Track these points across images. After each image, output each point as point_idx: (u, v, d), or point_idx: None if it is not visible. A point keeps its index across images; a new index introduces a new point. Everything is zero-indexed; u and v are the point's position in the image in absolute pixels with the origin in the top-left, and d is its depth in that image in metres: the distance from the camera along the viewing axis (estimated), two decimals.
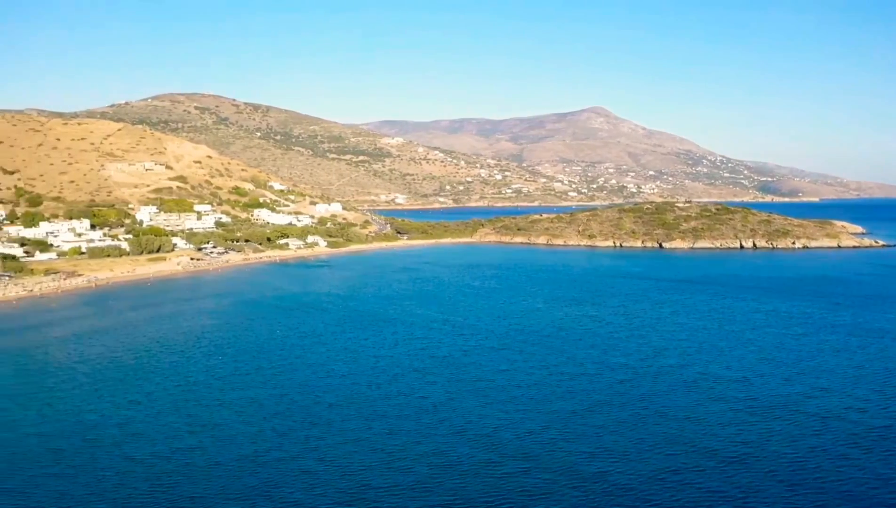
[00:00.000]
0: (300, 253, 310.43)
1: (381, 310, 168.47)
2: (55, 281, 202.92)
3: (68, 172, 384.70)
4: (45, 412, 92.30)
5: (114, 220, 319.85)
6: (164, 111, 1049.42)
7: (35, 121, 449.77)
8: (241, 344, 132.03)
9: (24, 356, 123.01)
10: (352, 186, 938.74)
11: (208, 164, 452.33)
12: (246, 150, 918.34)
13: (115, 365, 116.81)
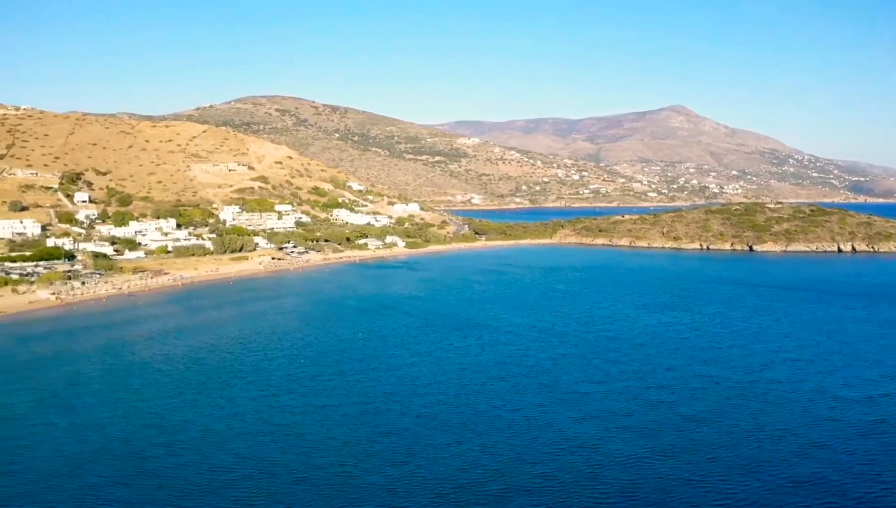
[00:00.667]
0: (379, 253, 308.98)
1: (464, 314, 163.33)
2: (143, 280, 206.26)
3: (156, 173, 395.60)
4: (130, 415, 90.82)
5: (198, 220, 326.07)
6: (246, 113, 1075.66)
7: (126, 124, 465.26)
8: (322, 347, 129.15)
9: (112, 355, 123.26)
10: (428, 186, 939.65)
11: (289, 165, 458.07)
12: (324, 151, 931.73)
13: (199, 366, 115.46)
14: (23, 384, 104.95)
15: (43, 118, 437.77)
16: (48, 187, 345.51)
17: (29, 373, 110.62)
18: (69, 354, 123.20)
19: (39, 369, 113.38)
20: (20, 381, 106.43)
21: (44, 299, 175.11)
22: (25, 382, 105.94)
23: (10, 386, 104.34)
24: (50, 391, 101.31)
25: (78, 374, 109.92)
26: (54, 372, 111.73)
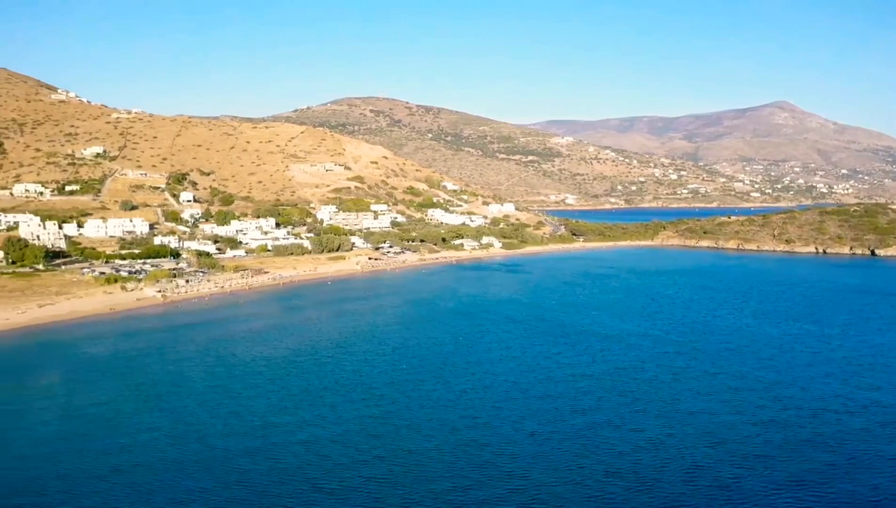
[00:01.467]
0: (475, 254, 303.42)
1: (568, 320, 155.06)
2: (244, 279, 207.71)
3: (256, 173, 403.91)
4: (231, 422, 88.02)
5: (297, 219, 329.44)
6: (342, 115, 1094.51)
7: (228, 126, 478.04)
8: (423, 352, 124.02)
9: (214, 356, 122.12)
10: (521, 186, 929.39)
11: (384, 165, 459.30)
12: (418, 151, 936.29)
13: (299, 369, 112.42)
14: (128, 382, 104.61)
15: (152, 121, 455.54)
16: (156, 187, 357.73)
17: (134, 373, 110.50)
18: (173, 354, 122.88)
19: (144, 368, 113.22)
20: (125, 379, 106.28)
21: (150, 297, 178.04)
22: (130, 380, 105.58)
23: (117, 383, 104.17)
24: (154, 392, 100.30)
25: (181, 376, 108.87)
26: (159, 371, 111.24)
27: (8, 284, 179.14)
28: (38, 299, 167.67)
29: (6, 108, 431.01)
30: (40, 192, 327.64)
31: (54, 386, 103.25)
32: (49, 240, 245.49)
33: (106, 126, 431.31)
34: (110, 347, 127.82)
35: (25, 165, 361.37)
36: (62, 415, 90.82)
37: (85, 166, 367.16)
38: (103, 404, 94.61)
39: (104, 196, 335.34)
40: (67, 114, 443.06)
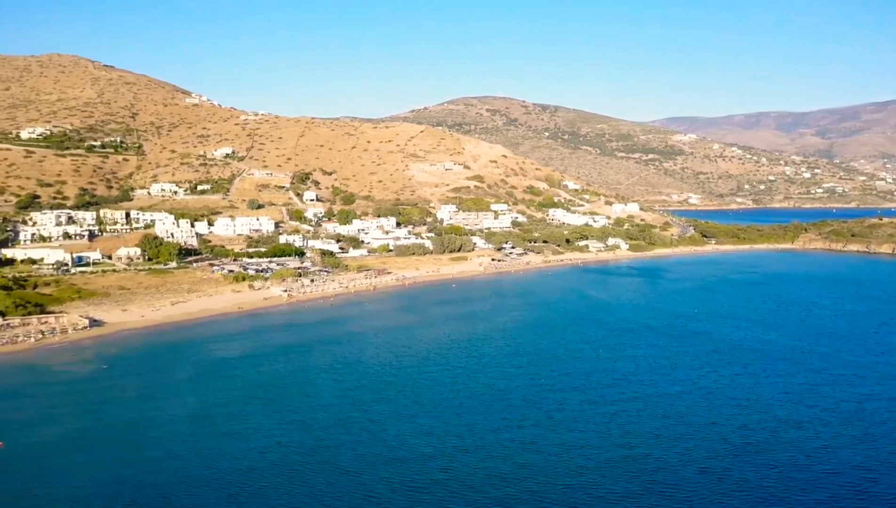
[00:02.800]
0: (601, 256, 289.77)
1: (717, 332, 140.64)
2: (367, 279, 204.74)
3: (377, 172, 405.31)
4: (361, 440, 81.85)
5: (417, 219, 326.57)
6: (458, 114, 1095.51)
7: (350, 126, 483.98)
8: (562, 365, 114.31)
9: (342, 362, 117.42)
10: (641, 185, 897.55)
11: (503, 164, 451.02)
12: (534, 150, 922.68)
13: (430, 381, 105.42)
14: (257, 389, 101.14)
15: (277, 122, 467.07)
16: (281, 186, 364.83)
17: (263, 377, 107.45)
18: (300, 358, 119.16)
19: (272, 373, 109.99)
20: (254, 384, 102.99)
21: (277, 296, 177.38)
22: (259, 385, 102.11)
23: (246, 388, 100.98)
24: (283, 401, 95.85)
25: (309, 383, 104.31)
26: (287, 377, 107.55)
27: (144, 281, 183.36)
28: (171, 296, 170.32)
29: (146, 112, 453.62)
30: (174, 192, 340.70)
31: (184, 388, 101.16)
32: (182, 237, 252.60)
33: (235, 127, 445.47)
34: (239, 348, 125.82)
35: (162, 166, 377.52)
36: (191, 419, 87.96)
37: (215, 166, 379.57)
38: (235, 416, 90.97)
39: (232, 195, 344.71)
40: (200, 117, 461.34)
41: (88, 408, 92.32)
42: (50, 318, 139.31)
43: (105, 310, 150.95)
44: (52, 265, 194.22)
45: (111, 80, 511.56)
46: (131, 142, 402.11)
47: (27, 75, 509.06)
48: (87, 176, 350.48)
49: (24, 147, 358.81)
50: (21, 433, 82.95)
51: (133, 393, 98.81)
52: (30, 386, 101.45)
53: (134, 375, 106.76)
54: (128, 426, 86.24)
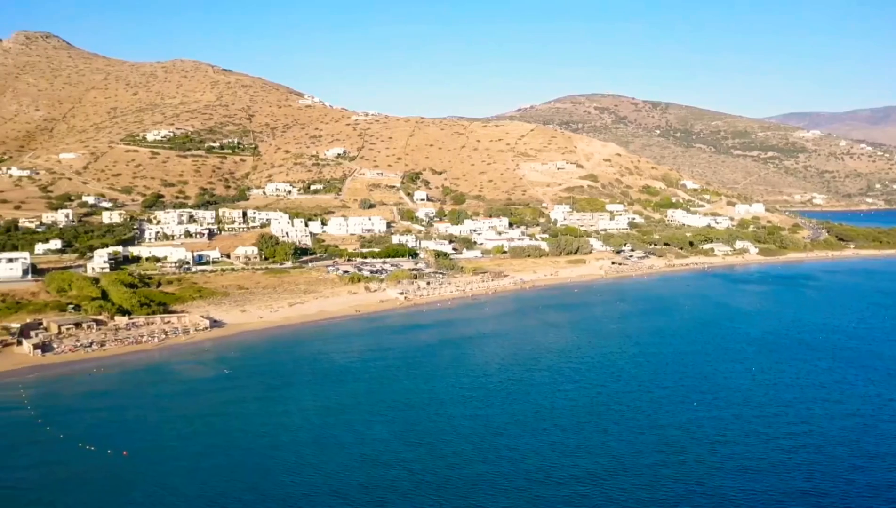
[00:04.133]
0: (728, 260, 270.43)
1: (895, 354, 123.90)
2: (484, 282, 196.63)
3: (487, 172, 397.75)
4: (504, 469, 73.16)
5: (529, 219, 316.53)
6: (565, 112, 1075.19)
7: (459, 125, 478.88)
8: (712, 387, 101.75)
9: (466, 375, 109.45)
10: (760, 185, 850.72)
11: (617, 162, 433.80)
12: (645, 149, 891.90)
13: (569, 402, 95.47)
14: (380, 402, 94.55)
15: (388, 122, 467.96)
16: (391, 186, 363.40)
17: (383, 388, 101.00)
18: (421, 368, 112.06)
19: (393, 383, 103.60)
20: (377, 397, 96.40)
21: (393, 298, 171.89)
22: (382, 398, 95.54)
23: (368, 399, 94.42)
24: (409, 419, 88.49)
25: (436, 400, 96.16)
26: (410, 390, 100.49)
27: (262, 280, 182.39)
28: (288, 297, 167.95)
29: (262, 114, 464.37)
30: (288, 191, 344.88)
31: (305, 399, 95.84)
32: (296, 236, 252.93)
33: (346, 128, 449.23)
34: (359, 355, 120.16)
35: (276, 166, 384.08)
36: (313, 431, 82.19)
37: (327, 166, 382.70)
38: (363, 436, 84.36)
39: (344, 194, 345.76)
40: (312, 118, 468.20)
41: (211, 415, 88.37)
42: (172, 318, 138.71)
43: (225, 310, 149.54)
44: (174, 263, 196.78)
45: (229, 83, 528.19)
46: (248, 143, 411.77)
47: (153, 80, 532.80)
48: (206, 176, 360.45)
49: (149, 148, 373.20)
50: (145, 439, 79.46)
51: (255, 401, 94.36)
52: (153, 389, 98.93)
53: (256, 383, 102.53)
54: (249, 435, 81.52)
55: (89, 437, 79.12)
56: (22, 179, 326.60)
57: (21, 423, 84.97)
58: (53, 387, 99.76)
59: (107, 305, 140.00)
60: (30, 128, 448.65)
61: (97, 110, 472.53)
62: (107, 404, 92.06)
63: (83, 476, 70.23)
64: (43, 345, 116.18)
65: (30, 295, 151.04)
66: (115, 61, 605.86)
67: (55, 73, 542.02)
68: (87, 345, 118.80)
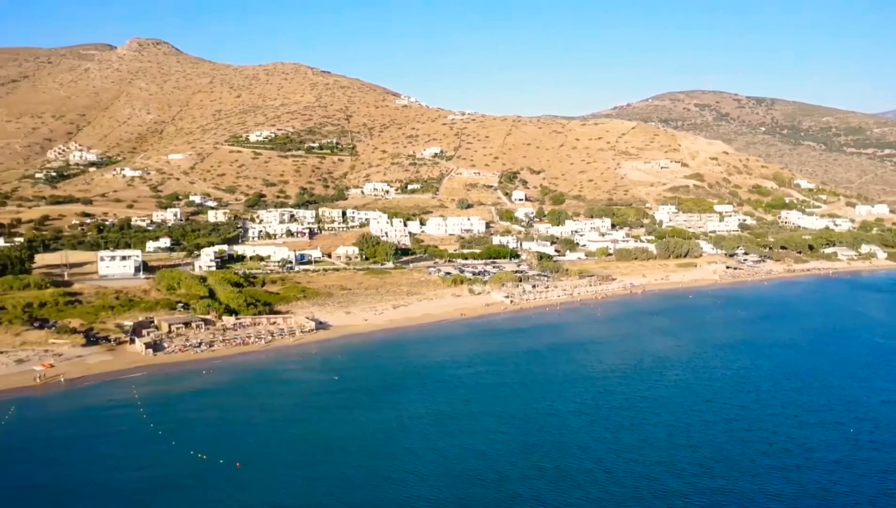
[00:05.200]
0: (854, 265, 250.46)
1: None
2: (592, 286, 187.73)
3: (586, 171, 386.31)
4: (641, 485, 65.46)
5: (632, 220, 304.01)
6: (663, 110, 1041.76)
7: (557, 124, 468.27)
8: (876, 416, 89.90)
9: (588, 391, 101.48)
10: (877, 184, 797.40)
11: (724, 161, 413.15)
12: (749, 147, 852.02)
13: (706, 427, 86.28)
14: (498, 423, 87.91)
15: (484, 121, 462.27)
16: (489, 185, 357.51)
17: (496, 402, 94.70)
18: (536, 382, 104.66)
19: (507, 399, 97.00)
20: (492, 412, 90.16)
21: (498, 302, 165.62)
22: (494, 413, 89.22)
23: (486, 425, 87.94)
24: (532, 443, 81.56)
25: (561, 424, 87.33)
26: (529, 408, 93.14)
27: (364, 281, 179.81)
28: (391, 298, 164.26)
29: (359, 114, 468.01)
30: (386, 191, 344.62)
31: (415, 411, 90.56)
32: (395, 236, 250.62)
33: (442, 127, 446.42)
34: (468, 362, 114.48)
35: (374, 166, 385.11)
36: (426, 445, 76.61)
37: (424, 166, 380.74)
38: (485, 455, 78.25)
39: (441, 194, 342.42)
40: (409, 118, 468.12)
41: (321, 425, 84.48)
42: (278, 319, 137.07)
43: (329, 312, 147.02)
44: (277, 262, 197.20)
45: (328, 84, 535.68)
46: (346, 144, 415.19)
47: (255, 83, 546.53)
48: (306, 176, 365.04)
49: (252, 149, 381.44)
50: (255, 450, 76.06)
51: (365, 409, 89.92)
52: (262, 395, 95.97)
53: (365, 390, 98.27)
54: (364, 450, 76.83)
55: (201, 445, 76.43)
56: (134, 179, 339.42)
57: (134, 425, 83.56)
58: (164, 388, 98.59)
59: (214, 304, 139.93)
60: (141, 130, 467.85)
61: (203, 113, 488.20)
62: (216, 410, 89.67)
63: (197, 487, 67.21)
64: (154, 344, 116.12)
65: (142, 293, 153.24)
66: (219, 65, 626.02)
67: (165, 77, 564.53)
68: (196, 345, 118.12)
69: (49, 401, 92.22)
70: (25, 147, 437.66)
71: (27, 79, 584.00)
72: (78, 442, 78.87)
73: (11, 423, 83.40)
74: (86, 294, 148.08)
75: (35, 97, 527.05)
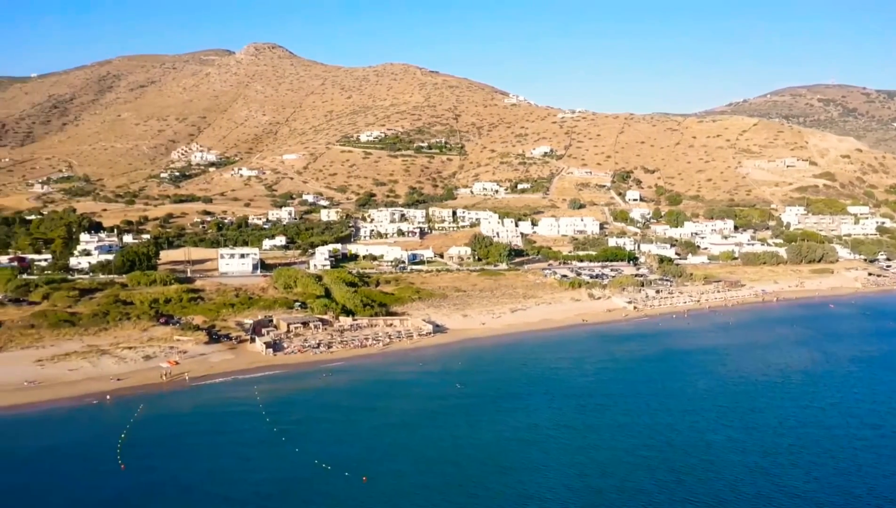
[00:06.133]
0: None
1: None
2: (720, 292, 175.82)
3: (705, 170, 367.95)
4: None
5: (757, 222, 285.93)
6: (783, 106, 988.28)
7: (672, 121, 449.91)
8: None
9: (740, 408, 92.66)
10: None
11: (858, 159, 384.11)
12: (880, 144, 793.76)
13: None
14: (642, 449, 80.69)
15: (595, 119, 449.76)
16: (601, 185, 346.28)
17: (637, 432, 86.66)
18: (674, 394, 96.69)
19: (648, 413, 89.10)
20: (638, 445, 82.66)
21: (621, 307, 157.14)
22: (635, 425, 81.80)
23: (628, 451, 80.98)
24: (675, 464, 74.21)
25: (705, 445, 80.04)
26: (672, 428, 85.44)
27: (478, 282, 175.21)
28: (507, 301, 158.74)
29: (468, 114, 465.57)
30: (495, 190, 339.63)
31: (542, 420, 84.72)
32: (507, 237, 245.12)
33: (552, 126, 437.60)
34: (594, 371, 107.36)
35: (482, 165, 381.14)
36: (566, 478, 70.31)
37: (534, 165, 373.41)
38: (618, 474, 71.59)
39: (552, 194, 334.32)
40: (518, 117, 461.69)
41: (447, 437, 79.83)
42: (395, 321, 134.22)
43: (445, 314, 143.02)
44: (390, 262, 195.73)
45: (436, 84, 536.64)
46: (454, 143, 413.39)
47: (365, 84, 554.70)
48: (415, 175, 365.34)
49: (362, 149, 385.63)
50: (381, 463, 72.19)
51: (492, 423, 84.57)
52: (384, 401, 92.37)
53: (489, 399, 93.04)
54: (495, 468, 71.38)
55: (324, 453, 73.35)
56: (251, 179, 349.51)
57: (257, 429, 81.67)
58: (284, 391, 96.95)
59: (331, 304, 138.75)
60: (257, 131, 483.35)
61: (315, 114, 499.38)
62: (338, 415, 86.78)
63: (323, 502, 63.88)
64: (274, 344, 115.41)
65: (259, 291, 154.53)
66: (331, 67, 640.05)
67: (279, 80, 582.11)
68: (314, 346, 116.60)
69: (174, 399, 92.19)
70: (152, 148, 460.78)
71: (154, 84, 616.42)
72: (202, 441, 77.87)
73: (139, 421, 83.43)
74: (207, 291, 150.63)
75: (161, 101, 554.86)
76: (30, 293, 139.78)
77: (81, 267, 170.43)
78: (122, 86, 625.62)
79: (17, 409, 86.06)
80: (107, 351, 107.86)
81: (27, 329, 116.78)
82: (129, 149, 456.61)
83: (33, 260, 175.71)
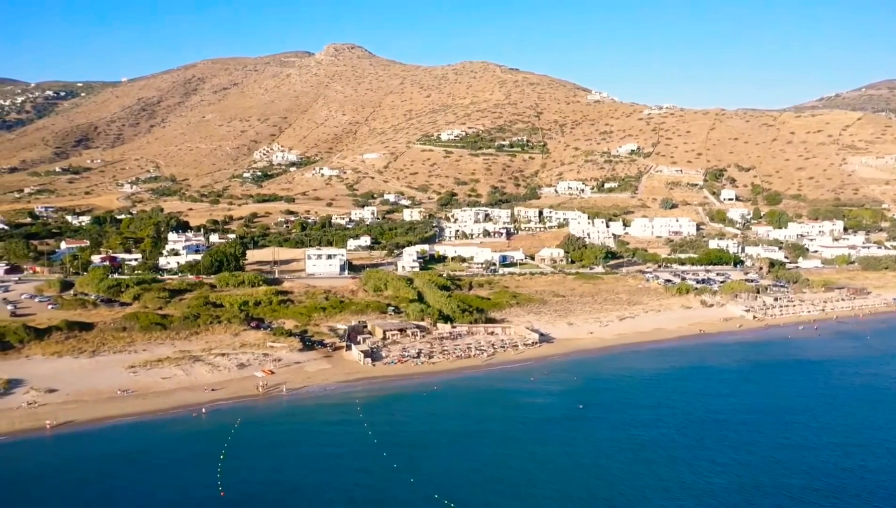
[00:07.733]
0: None
1: None
2: (845, 300, 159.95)
3: (805, 168, 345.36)
4: None
5: (868, 223, 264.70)
6: (880, 100, 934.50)
7: (768, 116, 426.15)
8: None
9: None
10: None
11: None
12: None
13: None
14: (789, 471, 69.53)
15: (684, 115, 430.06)
16: (693, 184, 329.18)
17: (793, 450, 75.31)
18: (830, 424, 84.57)
19: (805, 448, 77.48)
20: (786, 465, 71.40)
21: (738, 316, 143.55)
22: (790, 463, 70.44)
23: (780, 467, 69.75)
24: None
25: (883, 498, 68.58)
26: (845, 471, 73.55)
27: (577, 287, 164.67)
28: (611, 307, 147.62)
29: (549, 111, 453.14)
30: (581, 190, 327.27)
31: (694, 458, 74.17)
32: (598, 238, 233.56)
33: (638, 123, 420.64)
34: (728, 390, 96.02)
35: (566, 164, 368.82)
36: None
37: (620, 163, 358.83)
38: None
39: (641, 193, 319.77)
40: (602, 114, 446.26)
41: (577, 468, 70.51)
42: (496, 329, 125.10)
43: (548, 322, 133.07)
44: (481, 264, 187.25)
45: (517, 81, 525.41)
46: (536, 141, 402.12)
47: (444, 83, 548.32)
48: (497, 174, 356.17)
49: (443, 148, 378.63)
50: (505, 499, 63.36)
51: (626, 450, 74.75)
52: (502, 424, 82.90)
53: (618, 425, 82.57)
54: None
55: (444, 486, 64.83)
56: (332, 178, 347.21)
57: (365, 454, 73.33)
58: (387, 406, 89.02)
59: (427, 309, 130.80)
60: (337, 131, 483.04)
61: (394, 113, 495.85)
62: (454, 439, 77.99)
63: None
64: (371, 353, 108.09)
65: (349, 293, 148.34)
66: (410, 66, 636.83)
67: (359, 80, 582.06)
68: (414, 356, 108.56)
69: (273, 413, 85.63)
70: (235, 148, 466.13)
71: (236, 86, 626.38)
72: (307, 468, 70.20)
73: (237, 438, 76.90)
74: (296, 293, 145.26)
75: (243, 102, 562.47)
76: (121, 293, 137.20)
77: (170, 267, 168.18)
78: (206, 89, 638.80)
79: (110, 421, 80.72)
80: (199, 358, 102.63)
81: (119, 331, 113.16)
82: (213, 150, 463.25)
83: (124, 260, 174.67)
